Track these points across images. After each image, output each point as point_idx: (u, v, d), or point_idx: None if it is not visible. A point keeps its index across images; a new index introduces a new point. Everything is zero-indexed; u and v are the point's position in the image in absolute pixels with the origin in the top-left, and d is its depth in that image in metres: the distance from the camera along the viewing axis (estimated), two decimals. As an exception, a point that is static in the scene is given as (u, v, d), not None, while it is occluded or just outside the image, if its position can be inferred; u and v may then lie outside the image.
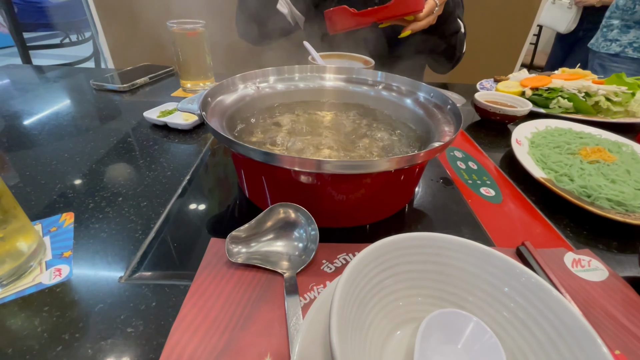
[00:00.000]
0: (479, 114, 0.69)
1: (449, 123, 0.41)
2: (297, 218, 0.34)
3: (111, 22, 1.24)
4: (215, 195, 0.43)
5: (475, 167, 0.52)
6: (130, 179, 0.45)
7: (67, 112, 0.65)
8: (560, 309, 0.21)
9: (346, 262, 0.33)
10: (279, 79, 0.53)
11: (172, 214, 0.39)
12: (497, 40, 1.20)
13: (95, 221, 0.38)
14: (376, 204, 0.38)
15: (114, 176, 0.45)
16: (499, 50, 1.24)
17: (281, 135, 0.44)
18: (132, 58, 1.29)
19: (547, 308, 0.22)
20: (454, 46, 0.82)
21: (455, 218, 0.41)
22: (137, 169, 0.47)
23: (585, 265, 0.35)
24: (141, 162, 0.49)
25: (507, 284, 0.24)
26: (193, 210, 0.40)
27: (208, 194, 0.43)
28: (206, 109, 0.40)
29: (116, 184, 0.44)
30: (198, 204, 0.41)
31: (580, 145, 0.52)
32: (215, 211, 0.40)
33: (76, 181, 0.44)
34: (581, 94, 0.70)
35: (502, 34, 1.21)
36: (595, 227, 0.40)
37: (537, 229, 0.40)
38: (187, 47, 0.71)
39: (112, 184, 0.44)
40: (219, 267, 0.32)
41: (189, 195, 0.42)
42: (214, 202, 0.42)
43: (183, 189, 0.43)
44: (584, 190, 0.43)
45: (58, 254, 0.33)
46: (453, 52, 0.85)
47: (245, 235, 0.33)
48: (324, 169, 0.30)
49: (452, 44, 0.81)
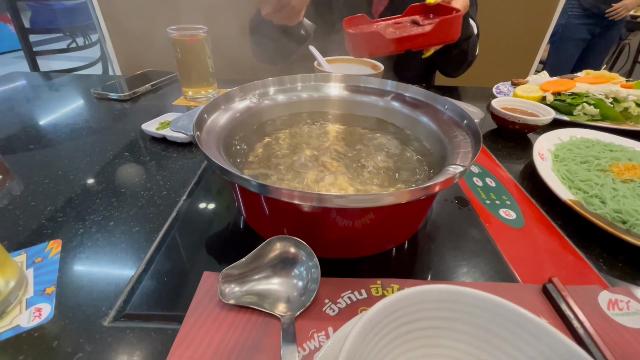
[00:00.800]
0: (496, 122, 0.64)
1: (465, 141, 0.37)
2: (297, 254, 0.30)
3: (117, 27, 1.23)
4: (211, 219, 0.41)
5: (494, 184, 0.48)
6: (124, 200, 0.43)
7: (66, 124, 0.63)
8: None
9: (351, 302, 0.30)
10: (280, 89, 0.50)
11: (164, 241, 0.37)
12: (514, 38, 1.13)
13: (83, 250, 0.35)
14: (383, 234, 0.35)
15: (108, 196, 0.43)
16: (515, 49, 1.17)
17: (281, 156, 0.41)
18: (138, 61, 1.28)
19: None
20: (466, 51, 0.78)
21: (473, 246, 0.37)
22: (132, 188, 0.45)
23: (624, 308, 0.30)
24: (137, 179, 0.47)
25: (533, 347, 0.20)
26: (187, 237, 0.37)
27: (204, 218, 0.41)
28: (201, 128, 0.37)
29: (109, 206, 0.41)
30: (192, 230, 0.38)
31: (611, 160, 0.47)
32: (210, 238, 0.38)
33: (67, 203, 0.42)
34: (609, 100, 0.65)
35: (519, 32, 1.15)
36: (633, 257, 0.36)
37: (565, 260, 0.36)
38: (188, 54, 0.68)
39: (105, 206, 0.41)
40: (210, 308, 0.29)
41: (183, 220, 0.40)
42: (209, 226, 0.39)
43: (177, 212, 0.41)
44: (619, 215, 0.38)
45: (40, 289, 0.31)
46: (465, 57, 0.80)
47: (239, 272, 0.30)
48: (325, 203, 0.26)
49: (463, 49, 0.76)
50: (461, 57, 0.80)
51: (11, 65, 3.63)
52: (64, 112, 0.69)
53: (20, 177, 0.47)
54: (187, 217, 0.40)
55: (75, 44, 1.41)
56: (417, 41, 0.47)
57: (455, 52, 0.77)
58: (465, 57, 0.80)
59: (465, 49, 0.77)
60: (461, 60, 0.82)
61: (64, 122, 0.64)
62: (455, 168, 0.33)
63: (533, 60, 1.14)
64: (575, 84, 0.70)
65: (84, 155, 0.52)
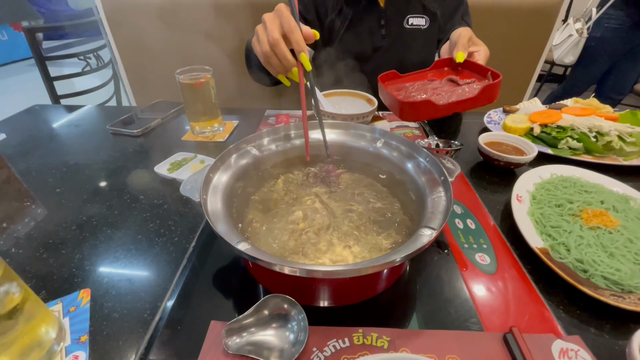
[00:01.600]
0: (483, 158, 0.68)
1: (441, 201, 0.42)
2: (288, 310, 0.36)
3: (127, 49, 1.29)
4: (217, 266, 0.46)
5: (474, 226, 0.53)
6: (142, 247, 0.48)
7: (86, 164, 0.69)
8: None
9: (335, 350, 0.35)
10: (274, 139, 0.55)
11: (177, 289, 0.42)
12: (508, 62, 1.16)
13: (109, 298, 0.41)
14: (364, 287, 0.40)
15: (127, 243, 0.49)
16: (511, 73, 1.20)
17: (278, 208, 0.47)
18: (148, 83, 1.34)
19: None
20: None
21: (448, 294, 0.42)
22: (147, 235, 0.51)
23: (573, 357, 0.35)
24: (151, 226, 0.53)
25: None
26: (196, 285, 0.43)
27: (210, 266, 0.46)
28: (207, 191, 0.43)
29: (128, 254, 0.47)
30: (201, 278, 0.44)
31: (583, 204, 0.51)
32: (217, 285, 0.43)
33: (92, 250, 0.48)
34: (592, 134, 0.68)
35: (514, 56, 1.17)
36: (590, 305, 0.40)
37: (528, 307, 0.41)
38: (194, 95, 0.74)
39: (125, 254, 0.47)
40: (216, 356, 0.35)
41: (193, 267, 0.45)
42: (216, 274, 0.45)
43: (187, 260, 0.46)
44: (580, 264, 0.43)
45: (76, 338, 0.37)
46: None
47: (239, 326, 0.35)
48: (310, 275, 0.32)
49: None
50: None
51: (26, 73, 3.77)
52: (85, 149, 0.76)
53: (51, 222, 0.53)
54: (195, 264, 0.46)
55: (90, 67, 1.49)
56: (464, 105, 0.52)
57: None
58: None
59: None
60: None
61: (84, 162, 0.70)
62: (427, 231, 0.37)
63: (528, 84, 1.17)
64: (562, 116, 0.73)
65: (104, 199, 0.58)
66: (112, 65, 1.43)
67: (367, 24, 0.92)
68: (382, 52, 0.95)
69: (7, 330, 0.30)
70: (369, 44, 0.94)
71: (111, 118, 0.85)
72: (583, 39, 1.80)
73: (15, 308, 0.31)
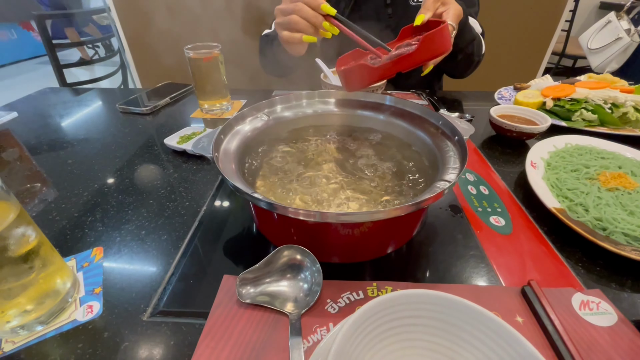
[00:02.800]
0: (495, 130, 0.67)
1: (455, 157, 0.41)
2: (302, 260, 0.35)
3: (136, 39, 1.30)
4: (228, 227, 0.46)
5: (487, 192, 0.52)
6: (153, 211, 0.48)
7: (96, 139, 0.70)
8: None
9: (350, 302, 0.35)
10: (287, 106, 0.54)
11: (189, 247, 0.42)
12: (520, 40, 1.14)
13: (122, 256, 0.41)
14: (379, 241, 0.39)
15: (138, 207, 0.49)
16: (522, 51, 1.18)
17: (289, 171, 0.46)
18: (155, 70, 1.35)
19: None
20: (471, 54, 0.80)
21: (462, 252, 0.41)
22: (158, 200, 0.51)
23: (594, 308, 0.34)
24: (162, 192, 0.52)
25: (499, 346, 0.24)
26: (208, 244, 0.43)
27: (221, 226, 0.46)
28: (219, 149, 0.42)
29: (140, 217, 0.47)
30: (213, 237, 0.44)
31: (600, 168, 0.50)
32: (228, 243, 0.43)
33: (104, 213, 0.48)
34: (607, 105, 0.67)
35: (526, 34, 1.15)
36: (610, 262, 0.39)
37: (546, 264, 0.40)
38: (203, 71, 0.74)
39: (137, 217, 0.47)
40: (230, 306, 0.34)
41: (204, 228, 0.45)
42: (226, 233, 0.45)
43: (199, 221, 0.46)
44: (599, 222, 0.42)
45: (90, 290, 0.37)
46: (471, 59, 0.82)
47: (253, 277, 0.35)
48: (325, 219, 0.31)
49: (468, 53, 0.79)
50: (467, 61, 0.82)
51: (35, 71, 3.82)
52: (94, 126, 0.76)
53: (63, 189, 0.53)
54: (207, 226, 0.46)
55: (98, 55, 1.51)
56: (405, 63, 0.45)
57: (461, 57, 0.79)
58: (471, 59, 0.82)
59: (470, 52, 0.79)
60: (468, 63, 0.83)
61: (94, 136, 0.71)
62: (443, 184, 0.37)
63: (540, 62, 1.15)
64: (575, 90, 0.72)
65: (115, 169, 0.59)
66: (120, 54, 1.44)
67: (372, 4, 0.91)
68: (388, 32, 0.94)
69: (22, 273, 0.30)
70: (376, 24, 0.93)
71: (120, 99, 0.85)
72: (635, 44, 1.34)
73: (30, 252, 0.31)
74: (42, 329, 0.33)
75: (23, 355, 0.31)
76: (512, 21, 1.15)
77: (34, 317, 0.32)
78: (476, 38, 0.78)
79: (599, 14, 3.11)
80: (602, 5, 3.02)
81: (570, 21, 2.36)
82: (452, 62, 0.79)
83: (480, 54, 0.84)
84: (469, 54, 0.79)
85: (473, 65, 0.86)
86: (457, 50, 0.74)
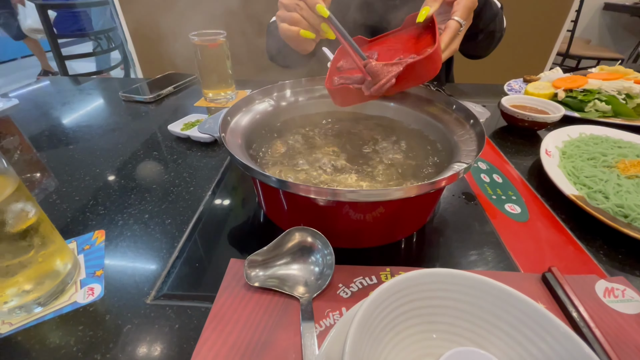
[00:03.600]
0: (506, 120, 0.65)
1: (471, 140, 0.40)
2: (313, 242, 0.34)
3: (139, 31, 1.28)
4: (234, 212, 0.44)
5: (501, 180, 0.50)
6: (156, 195, 0.47)
7: (99, 125, 0.68)
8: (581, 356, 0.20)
9: (362, 287, 0.33)
10: (296, 92, 0.53)
11: (194, 232, 0.41)
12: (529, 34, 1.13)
13: (124, 239, 0.40)
14: (393, 225, 0.38)
15: (141, 192, 0.48)
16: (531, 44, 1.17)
17: (297, 155, 0.45)
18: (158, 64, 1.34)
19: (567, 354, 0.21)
20: (493, 31, 0.73)
21: (477, 239, 0.40)
22: (162, 185, 0.49)
23: (619, 295, 0.33)
24: (166, 177, 0.51)
25: (527, 327, 0.23)
26: (213, 229, 0.41)
27: (228, 211, 0.45)
28: (225, 130, 0.41)
29: (143, 201, 0.46)
30: (218, 222, 0.42)
31: (618, 156, 0.49)
32: (235, 229, 0.42)
33: (106, 197, 0.47)
34: (621, 96, 0.65)
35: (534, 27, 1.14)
36: (633, 250, 0.38)
37: (566, 251, 0.38)
38: (208, 57, 0.72)
39: (139, 201, 0.46)
40: (237, 289, 0.33)
41: (210, 213, 0.44)
42: (233, 219, 0.43)
43: (204, 206, 0.45)
44: (621, 209, 0.40)
45: (91, 272, 0.35)
46: (492, 36, 0.75)
47: (262, 259, 0.33)
48: (338, 197, 0.30)
49: (490, 30, 0.72)
50: (489, 38, 0.75)
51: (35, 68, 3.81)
52: (97, 114, 0.75)
53: (64, 173, 0.52)
54: (212, 210, 0.44)
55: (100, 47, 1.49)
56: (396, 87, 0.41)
57: (482, 37, 0.75)
58: (493, 35, 0.75)
59: (493, 29, 0.72)
60: (489, 40, 0.76)
61: (97, 123, 0.69)
62: (459, 165, 0.35)
63: (548, 56, 1.13)
64: (588, 81, 0.70)
65: (118, 155, 0.57)
66: (123, 47, 1.43)
67: None
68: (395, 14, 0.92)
69: (21, 251, 0.29)
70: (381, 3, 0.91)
71: (122, 89, 0.83)
72: None
73: (30, 228, 0.29)
74: (41, 310, 0.31)
75: (20, 337, 0.29)
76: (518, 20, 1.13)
77: (32, 297, 0.30)
78: (498, 14, 0.73)
79: (603, 14, 3.11)
80: (607, 7, 3.01)
81: (575, 21, 2.35)
82: (473, 42, 0.74)
83: (502, 29, 0.76)
84: (491, 31, 0.75)
85: (495, 42, 0.79)
86: (477, 30, 0.69)
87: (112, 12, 1.25)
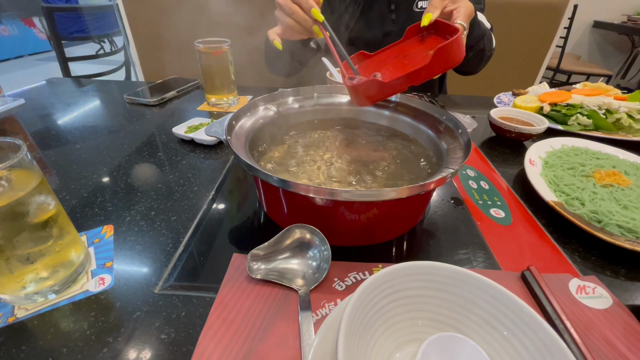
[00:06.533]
0: (494, 131, 0.69)
1: (459, 148, 0.43)
2: (311, 239, 0.36)
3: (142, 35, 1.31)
4: (237, 211, 0.47)
5: (487, 186, 0.54)
6: (162, 194, 0.49)
7: (104, 126, 0.71)
8: (550, 341, 0.23)
9: (356, 281, 0.36)
10: (296, 99, 0.56)
11: (198, 228, 0.43)
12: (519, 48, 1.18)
13: (132, 234, 0.42)
14: (386, 225, 0.41)
15: (147, 191, 0.50)
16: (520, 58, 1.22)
17: (296, 159, 0.48)
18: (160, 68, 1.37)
19: (537, 338, 0.23)
20: (482, 49, 0.79)
21: (464, 239, 0.43)
22: (167, 184, 0.52)
23: (590, 292, 0.36)
24: (171, 177, 0.53)
25: (503, 314, 0.26)
26: (217, 226, 0.44)
27: (230, 210, 0.47)
28: (231, 133, 0.44)
29: (149, 199, 0.48)
30: (221, 220, 0.45)
31: (595, 167, 0.52)
32: (237, 227, 0.44)
33: (114, 194, 0.49)
34: (602, 111, 0.70)
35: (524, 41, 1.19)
36: (604, 253, 0.41)
37: (544, 252, 0.41)
38: (212, 64, 0.75)
39: (146, 198, 0.48)
40: (240, 281, 0.35)
41: (214, 211, 0.46)
42: (235, 217, 0.46)
43: (208, 204, 0.47)
44: (595, 215, 0.43)
45: (101, 263, 0.37)
46: (482, 55, 0.81)
47: (264, 253, 0.36)
48: (335, 197, 0.32)
49: (480, 49, 0.79)
50: (479, 56, 0.81)
51: (35, 67, 3.82)
52: (101, 115, 0.77)
53: (72, 171, 0.54)
54: (215, 209, 0.47)
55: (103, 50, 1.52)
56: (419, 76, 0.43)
57: (472, 54, 0.79)
58: (482, 54, 0.81)
59: (482, 47, 0.78)
60: (479, 58, 0.83)
61: (102, 124, 0.72)
62: (447, 170, 0.38)
63: (538, 70, 1.19)
64: (572, 96, 0.75)
65: (124, 155, 0.60)
66: (125, 51, 1.46)
67: (377, 10, 0.94)
68: (392, 37, 0.97)
69: (41, 240, 0.31)
70: (380, 29, 0.96)
71: (126, 91, 0.86)
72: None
73: (50, 219, 0.32)
74: (55, 297, 0.33)
75: (36, 321, 0.31)
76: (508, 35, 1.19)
77: (48, 284, 0.33)
78: (486, 33, 0.77)
79: (593, 32, 3.22)
80: (596, 24, 3.13)
81: (565, 38, 2.44)
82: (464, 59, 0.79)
83: (492, 48, 0.83)
84: (481, 49, 0.79)
85: (484, 60, 0.85)
86: (467, 47, 0.73)
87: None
